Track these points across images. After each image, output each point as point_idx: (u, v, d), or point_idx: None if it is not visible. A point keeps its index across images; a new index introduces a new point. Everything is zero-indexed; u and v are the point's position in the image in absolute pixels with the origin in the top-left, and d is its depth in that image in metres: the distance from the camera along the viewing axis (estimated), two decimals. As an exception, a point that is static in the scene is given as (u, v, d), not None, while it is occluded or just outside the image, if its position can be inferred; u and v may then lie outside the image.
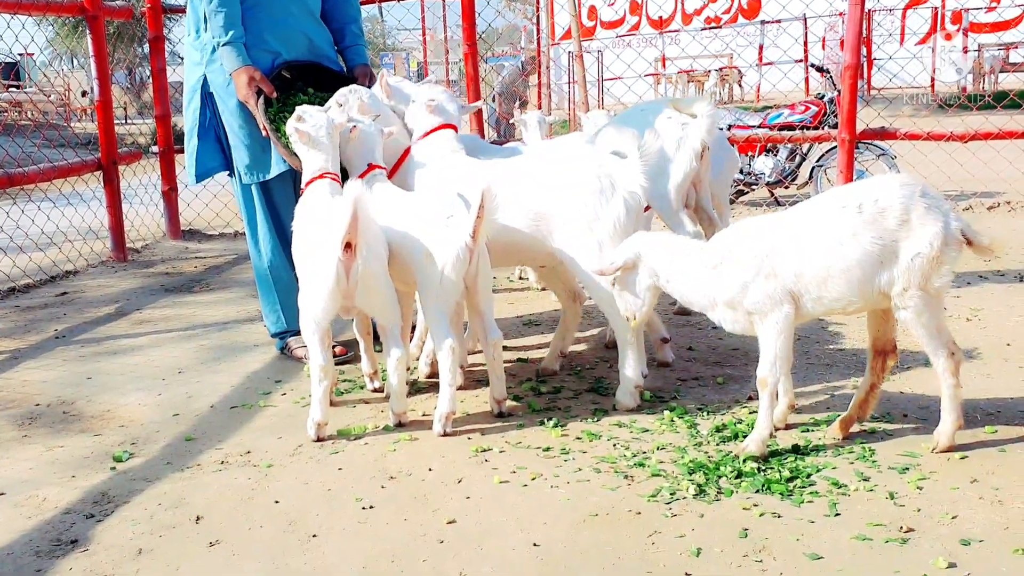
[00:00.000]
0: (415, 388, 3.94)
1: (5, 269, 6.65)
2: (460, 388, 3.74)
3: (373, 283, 3.34)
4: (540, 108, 15.89)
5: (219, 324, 5.30)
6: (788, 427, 3.32)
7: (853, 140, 6.73)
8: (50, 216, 7.34)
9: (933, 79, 19.59)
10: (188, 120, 4.43)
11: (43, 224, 7.30)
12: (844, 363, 4.07)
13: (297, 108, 3.73)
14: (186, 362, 4.55)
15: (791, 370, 3.22)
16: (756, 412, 3.14)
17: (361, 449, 3.32)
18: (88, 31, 6.98)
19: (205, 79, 4.32)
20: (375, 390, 3.94)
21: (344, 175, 3.78)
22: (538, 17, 12.09)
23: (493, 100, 11.59)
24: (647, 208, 3.82)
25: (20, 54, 22.76)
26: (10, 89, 24.91)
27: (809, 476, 2.92)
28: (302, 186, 3.74)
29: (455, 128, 4.08)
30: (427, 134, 4.02)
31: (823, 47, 21.35)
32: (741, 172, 9.41)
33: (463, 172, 3.79)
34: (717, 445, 3.20)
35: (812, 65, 11.30)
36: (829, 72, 10.05)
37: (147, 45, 8.33)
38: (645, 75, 19.40)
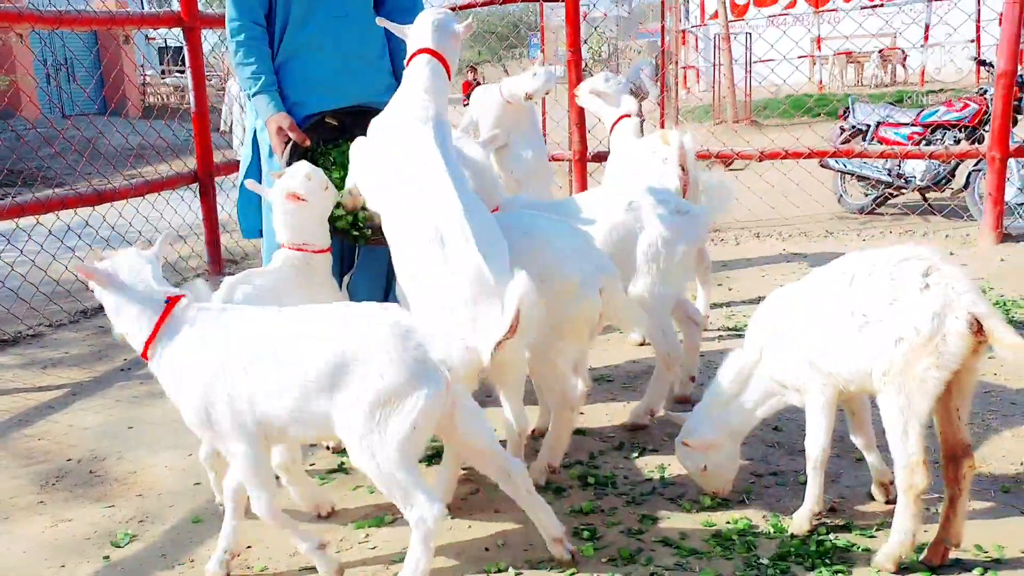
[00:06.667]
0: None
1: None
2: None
3: None
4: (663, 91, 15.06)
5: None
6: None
7: (1005, 158, 5.85)
8: (154, 223, 7.21)
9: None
10: (241, 169, 4.09)
11: (141, 226, 7.06)
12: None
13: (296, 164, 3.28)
14: (233, 411, 4.27)
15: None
16: (834, 534, 2.57)
17: (364, 549, 2.93)
18: (185, 42, 6.83)
19: (255, 134, 3.97)
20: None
21: None
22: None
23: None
24: None
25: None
26: (175, 74, 25.81)
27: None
28: None
29: None
30: None
31: (1000, 23, 19.40)
32: (889, 174, 8.45)
33: None
34: (775, 584, 2.64)
35: (974, 59, 10.11)
36: (992, 66, 8.99)
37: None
38: (799, 57, 18.12)
